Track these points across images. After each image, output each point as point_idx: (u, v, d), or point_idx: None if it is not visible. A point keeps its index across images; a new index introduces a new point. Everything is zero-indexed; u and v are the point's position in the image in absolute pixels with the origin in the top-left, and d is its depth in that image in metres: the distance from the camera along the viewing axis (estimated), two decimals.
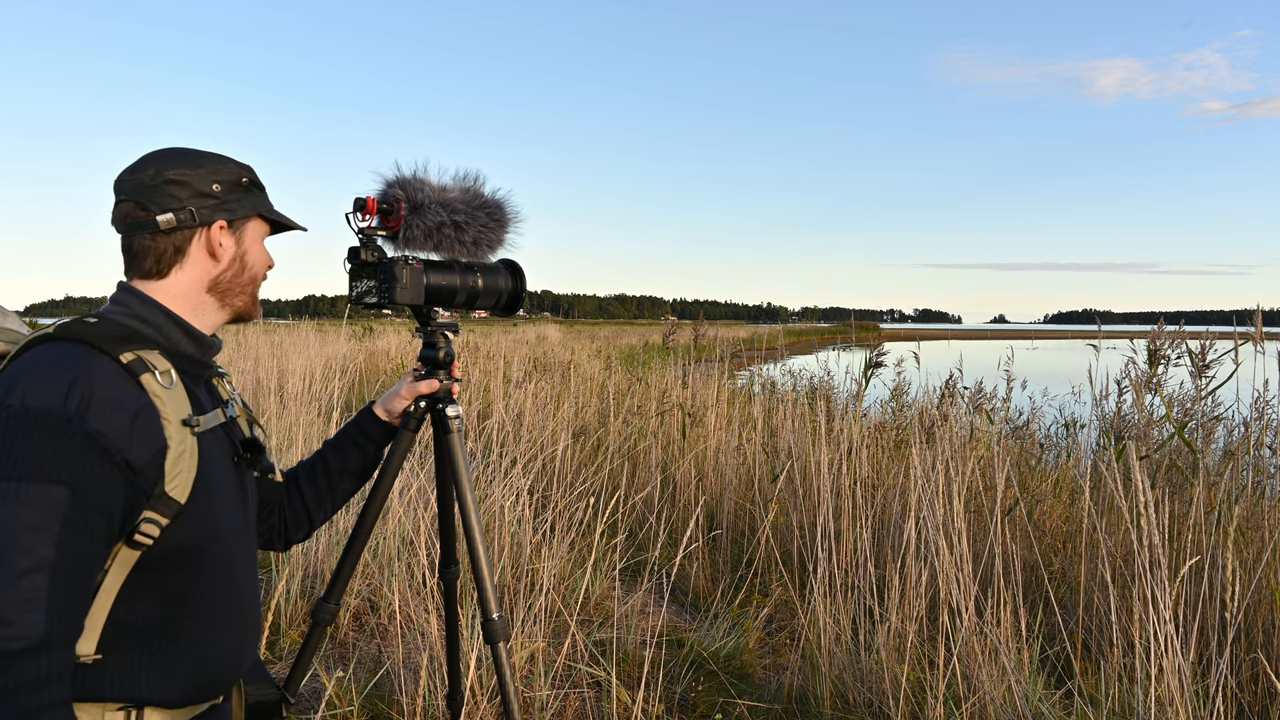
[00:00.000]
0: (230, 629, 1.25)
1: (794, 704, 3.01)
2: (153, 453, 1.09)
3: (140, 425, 1.08)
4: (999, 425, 5.25)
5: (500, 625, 1.70)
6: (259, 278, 1.33)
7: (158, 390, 1.12)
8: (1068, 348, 25.49)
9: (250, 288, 1.32)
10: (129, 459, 1.06)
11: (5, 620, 0.96)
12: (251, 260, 1.31)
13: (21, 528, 0.98)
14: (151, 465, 1.09)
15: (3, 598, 0.96)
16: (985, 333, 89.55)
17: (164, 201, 1.21)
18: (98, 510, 1.03)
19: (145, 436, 1.08)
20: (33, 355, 1.09)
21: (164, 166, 1.22)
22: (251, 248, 1.31)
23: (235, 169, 1.28)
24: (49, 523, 0.99)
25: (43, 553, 0.98)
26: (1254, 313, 3.76)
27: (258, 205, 1.30)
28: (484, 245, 1.62)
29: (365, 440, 1.63)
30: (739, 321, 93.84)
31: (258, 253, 1.32)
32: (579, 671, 3.01)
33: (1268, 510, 3.43)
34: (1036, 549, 3.59)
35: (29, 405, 1.02)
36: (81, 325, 1.13)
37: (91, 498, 1.02)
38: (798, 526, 4.17)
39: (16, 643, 0.96)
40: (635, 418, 5.99)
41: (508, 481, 3.85)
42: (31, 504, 0.98)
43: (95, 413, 1.04)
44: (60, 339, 1.11)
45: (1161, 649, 2.28)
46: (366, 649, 3.22)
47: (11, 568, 0.97)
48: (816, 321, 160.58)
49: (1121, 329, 8.42)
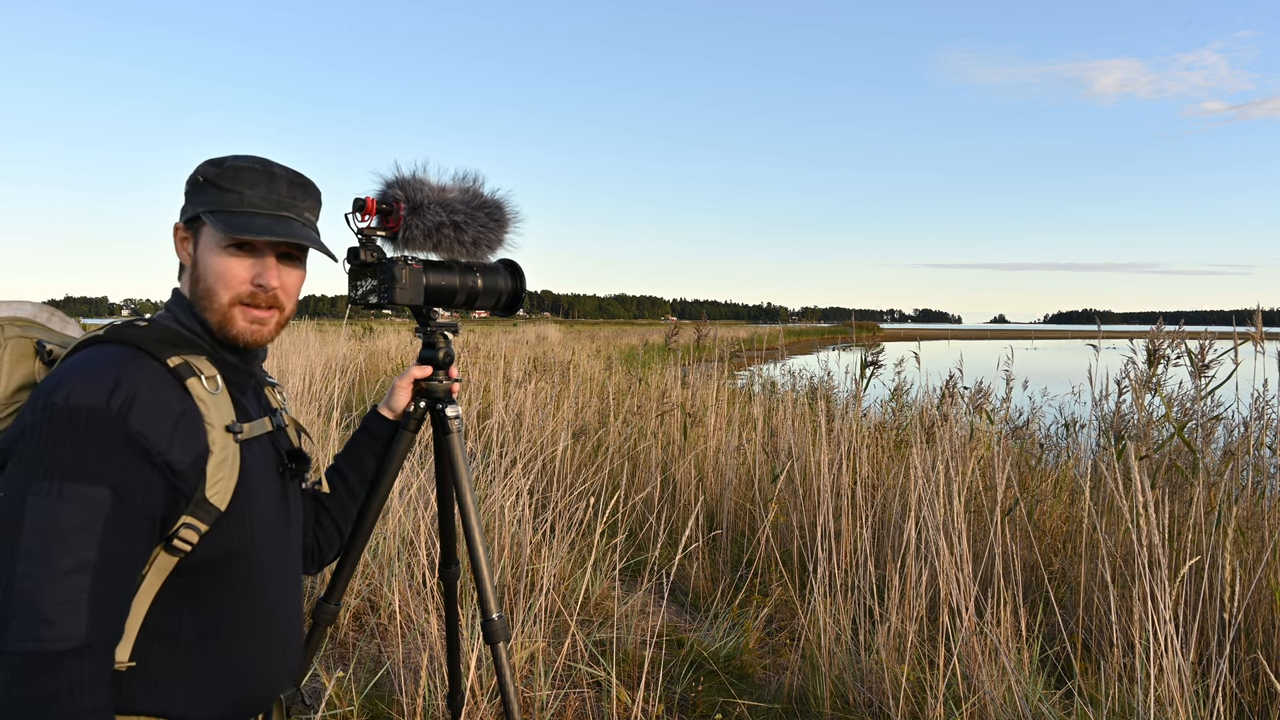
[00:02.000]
0: (269, 644, 1.21)
1: (794, 704, 3.01)
2: (194, 456, 1.07)
3: (183, 428, 1.07)
4: (999, 425, 5.25)
5: (500, 625, 1.70)
6: (215, 293, 1.16)
7: (202, 395, 1.11)
8: (1068, 348, 25.50)
9: (208, 302, 1.16)
10: (170, 461, 1.04)
11: (48, 620, 0.94)
12: (203, 270, 1.16)
13: (65, 527, 0.96)
14: (193, 469, 1.07)
15: (45, 597, 0.94)
16: (985, 333, 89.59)
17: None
18: (139, 511, 1.02)
19: (187, 440, 1.07)
20: (81, 355, 1.09)
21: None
22: (204, 256, 1.16)
23: (207, 166, 1.17)
24: (92, 523, 0.98)
25: (86, 553, 0.97)
26: (1254, 313, 3.76)
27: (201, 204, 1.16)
28: (483, 245, 1.62)
29: (376, 443, 1.62)
30: (739, 321, 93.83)
31: (209, 262, 1.16)
32: (579, 671, 3.01)
33: (1268, 510, 3.43)
34: (1036, 549, 3.59)
35: (73, 404, 1.00)
36: (131, 328, 1.12)
37: (134, 499, 1.01)
38: (798, 526, 4.17)
39: (60, 644, 0.94)
40: (635, 418, 5.99)
41: (508, 481, 3.84)
42: (75, 503, 0.97)
43: (138, 413, 1.02)
44: (109, 341, 1.10)
45: (1161, 649, 2.28)
46: (366, 649, 3.21)
47: (54, 567, 0.95)
48: (816, 321, 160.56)
49: (1121, 329, 8.42)
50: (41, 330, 1.18)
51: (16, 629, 0.93)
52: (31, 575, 0.94)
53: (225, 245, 1.15)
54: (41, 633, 0.93)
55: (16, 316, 1.16)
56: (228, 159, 1.18)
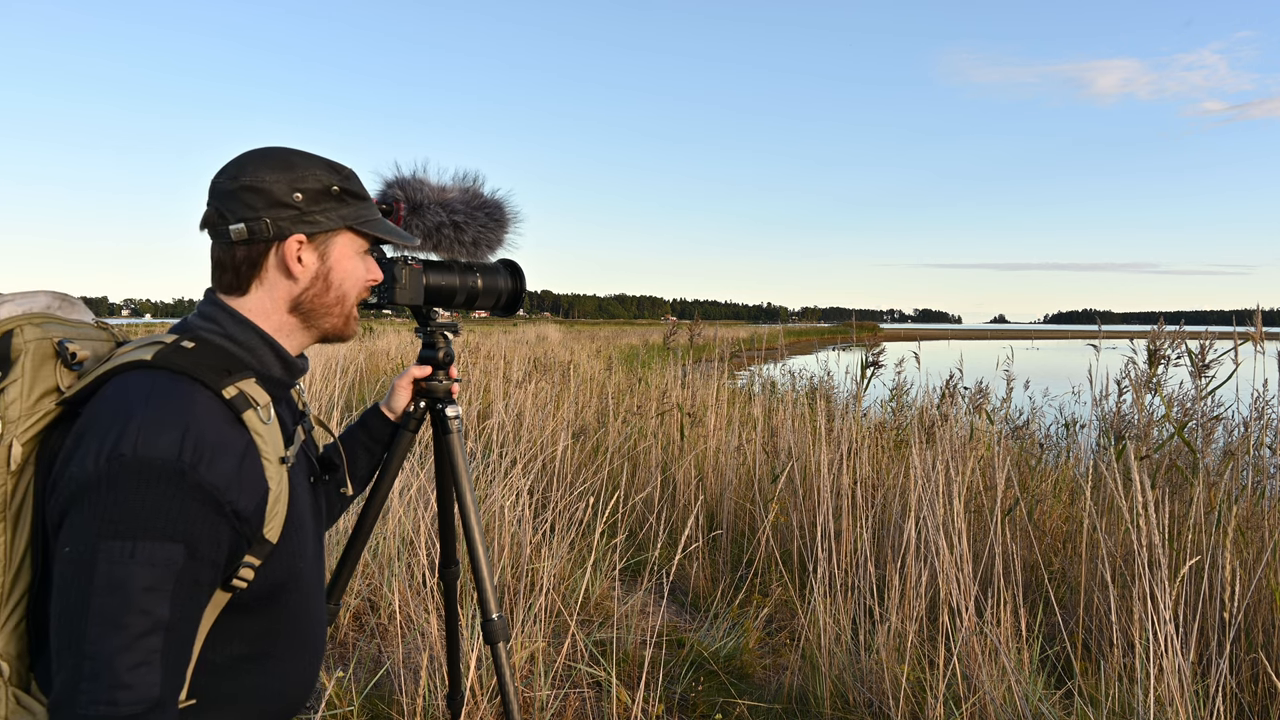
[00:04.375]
0: (306, 656, 1.20)
1: (794, 704, 3.01)
2: (258, 499, 1.04)
3: (246, 470, 1.03)
4: (999, 425, 5.25)
5: (500, 625, 1.70)
6: (349, 297, 1.20)
7: (259, 428, 1.06)
8: (1068, 348, 25.50)
9: (338, 308, 1.20)
10: (237, 509, 1.01)
11: (125, 685, 0.91)
12: (339, 278, 1.18)
13: (138, 589, 0.93)
14: (255, 512, 1.04)
15: (121, 661, 0.91)
16: (985, 333, 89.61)
17: (238, 210, 1.11)
18: (209, 563, 0.99)
19: (250, 482, 1.03)
20: (135, 389, 1.01)
21: (246, 169, 1.12)
22: (340, 264, 1.18)
23: (325, 175, 1.15)
24: (164, 581, 0.94)
25: (158, 613, 0.94)
26: (1254, 313, 3.76)
27: (349, 217, 1.17)
28: (483, 245, 1.62)
29: (373, 442, 1.61)
30: (739, 321, 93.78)
31: (349, 269, 1.19)
32: (579, 671, 3.01)
33: (1268, 510, 3.43)
34: (1036, 549, 3.59)
35: (142, 455, 0.95)
36: (182, 353, 1.05)
37: (204, 552, 0.98)
38: (798, 526, 4.17)
39: (137, 706, 0.92)
40: (635, 418, 5.99)
41: (508, 481, 3.84)
42: (147, 564, 0.93)
43: (208, 463, 0.98)
44: (159, 368, 1.03)
45: (1161, 649, 2.28)
46: (366, 649, 3.21)
47: (129, 631, 0.92)
48: (816, 321, 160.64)
49: (1121, 329, 8.43)
50: (59, 325, 1.08)
51: (88, 692, 0.91)
52: (105, 639, 0.91)
53: (361, 250, 1.21)
54: (117, 696, 0.91)
55: (33, 313, 1.07)
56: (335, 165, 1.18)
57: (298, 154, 1.15)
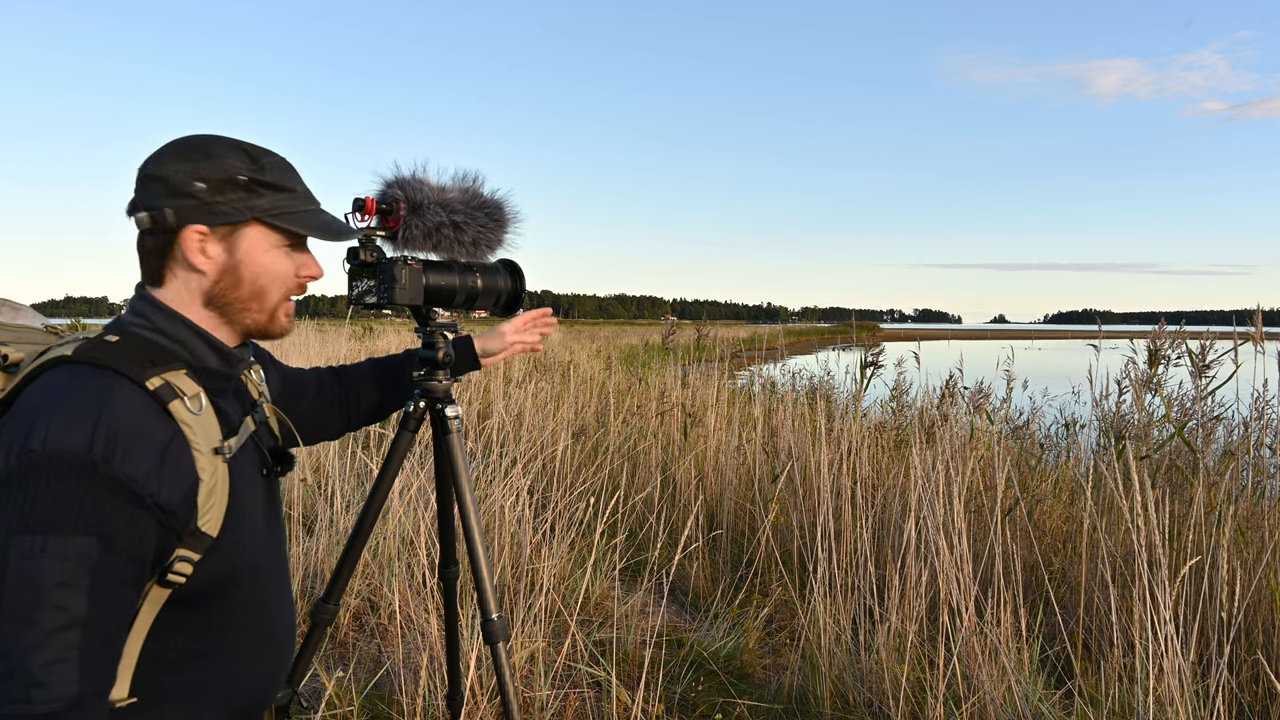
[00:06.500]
0: (263, 652, 1.18)
1: (794, 704, 3.01)
2: (185, 490, 1.01)
3: (170, 461, 1.00)
4: (999, 425, 5.25)
5: (500, 625, 1.70)
6: (268, 293, 1.14)
7: (187, 418, 1.03)
8: (1068, 348, 25.51)
9: (255, 304, 1.13)
10: (160, 501, 0.98)
11: (39, 683, 0.90)
12: (252, 273, 1.12)
13: (50, 584, 0.91)
14: (183, 504, 1.01)
15: (35, 659, 0.90)
16: (985, 333, 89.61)
17: (144, 198, 1.08)
18: (128, 557, 0.96)
19: (176, 473, 1.00)
20: (51, 384, 1.00)
21: (159, 156, 1.09)
22: (252, 258, 1.12)
23: (236, 164, 1.10)
24: (79, 576, 0.92)
25: (74, 608, 0.92)
26: (1254, 313, 3.76)
27: (258, 208, 1.11)
28: (483, 245, 1.62)
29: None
30: (739, 321, 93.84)
31: (264, 264, 1.13)
32: (579, 671, 3.01)
33: (1268, 510, 3.43)
34: (1036, 549, 3.59)
35: (51, 449, 0.93)
36: (104, 347, 1.03)
37: (122, 545, 0.95)
38: (798, 526, 4.17)
39: (53, 704, 0.90)
40: (635, 418, 5.99)
41: (508, 481, 3.84)
42: (59, 558, 0.91)
43: (124, 454, 0.95)
44: (80, 363, 1.01)
45: (1161, 649, 2.28)
46: (366, 649, 3.22)
47: (42, 627, 0.90)
48: (816, 321, 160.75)
49: (1121, 329, 8.43)
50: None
51: (4, 690, 0.89)
52: (17, 636, 0.90)
53: (278, 244, 1.13)
54: (32, 695, 0.90)
55: None
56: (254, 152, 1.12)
57: (220, 141, 1.11)
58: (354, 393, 1.61)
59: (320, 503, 4.04)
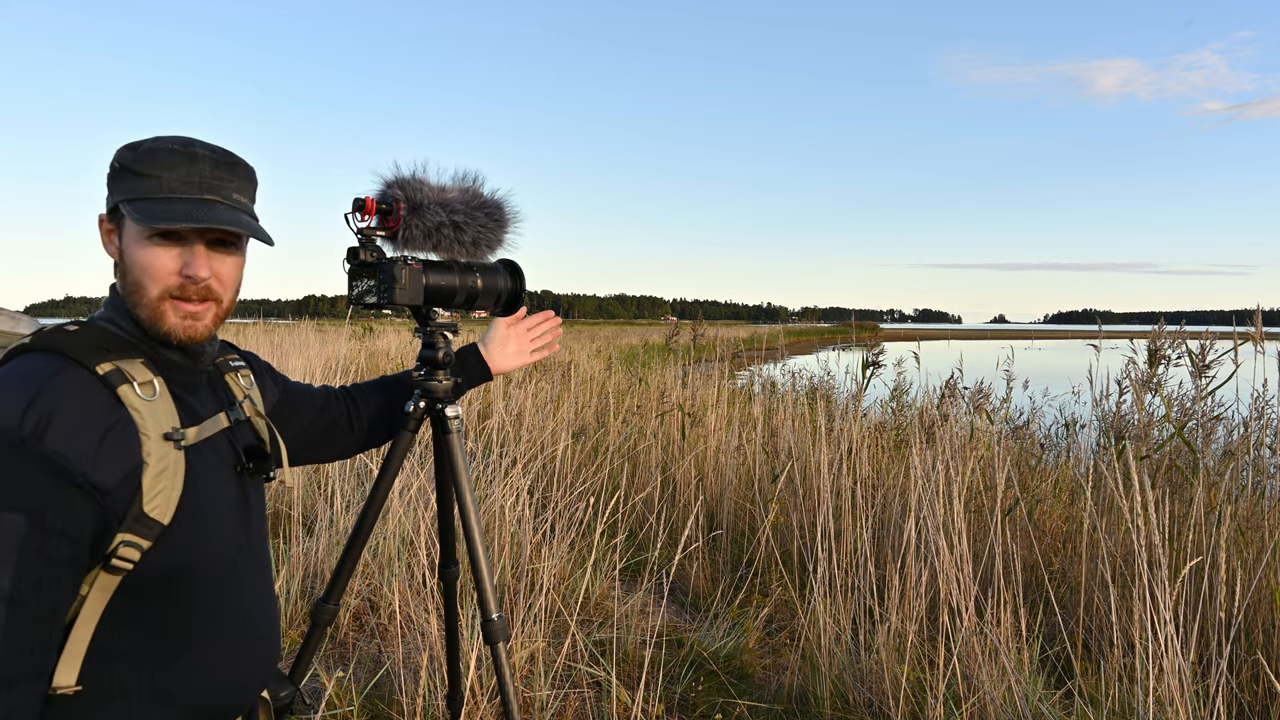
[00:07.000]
0: (233, 652, 1.15)
1: (794, 704, 3.01)
2: (125, 471, 1.00)
3: (111, 442, 0.99)
4: (999, 425, 5.25)
5: (500, 625, 1.70)
6: (144, 288, 1.08)
7: (136, 403, 1.03)
8: (1068, 348, 25.51)
9: (137, 298, 1.09)
10: (94, 480, 0.97)
11: None
12: (129, 265, 1.09)
13: None
14: (123, 485, 1.00)
15: None
16: (985, 333, 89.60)
17: None
18: (59, 535, 0.95)
19: (116, 454, 0.99)
20: (4, 369, 1.02)
21: None
22: (129, 249, 1.08)
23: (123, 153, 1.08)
24: (5, 552, 0.91)
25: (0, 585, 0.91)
26: (1254, 313, 3.77)
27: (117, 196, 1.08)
28: (483, 245, 1.62)
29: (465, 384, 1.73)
30: (739, 321, 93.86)
31: (135, 256, 1.08)
32: (579, 671, 3.01)
33: (1268, 510, 3.43)
34: (1036, 549, 3.59)
35: None
36: (60, 334, 1.05)
37: (52, 523, 0.94)
38: (798, 526, 4.17)
39: None
40: (635, 418, 5.99)
41: (508, 481, 3.85)
42: None
43: (55, 431, 0.95)
44: (35, 349, 1.03)
45: (1161, 649, 2.28)
46: (366, 649, 3.22)
47: None
48: (816, 321, 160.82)
49: (1121, 329, 8.43)
50: None
51: None
52: None
53: (149, 235, 1.07)
54: None
55: None
56: (146, 141, 1.09)
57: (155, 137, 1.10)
58: (365, 409, 1.62)
59: (320, 503, 4.05)
